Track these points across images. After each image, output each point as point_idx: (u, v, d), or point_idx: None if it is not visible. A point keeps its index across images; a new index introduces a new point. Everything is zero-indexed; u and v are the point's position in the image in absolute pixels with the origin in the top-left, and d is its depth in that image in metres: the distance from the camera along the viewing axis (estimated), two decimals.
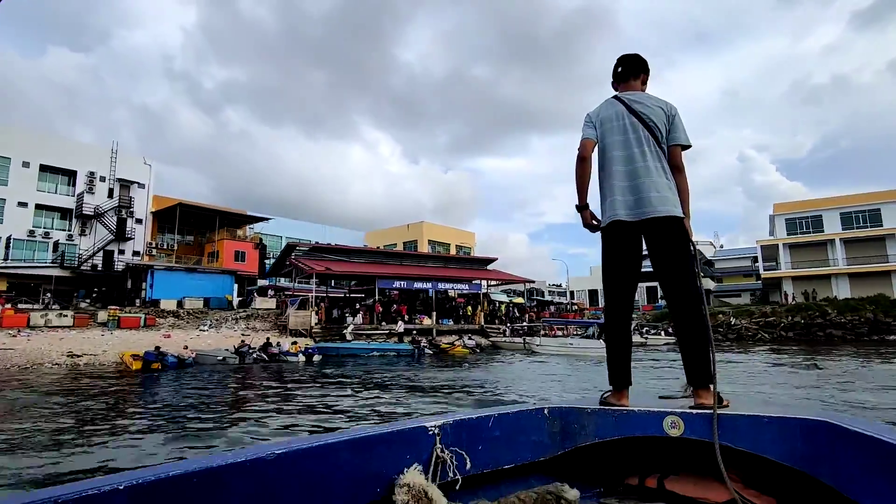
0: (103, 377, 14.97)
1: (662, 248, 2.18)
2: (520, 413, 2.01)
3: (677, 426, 1.84)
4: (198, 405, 10.20)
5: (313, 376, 15.57)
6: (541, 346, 25.67)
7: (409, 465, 1.57)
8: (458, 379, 14.59)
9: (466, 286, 34.02)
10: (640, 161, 2.23)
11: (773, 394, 11.27)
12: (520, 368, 18.34)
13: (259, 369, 17.53)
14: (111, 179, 38.59)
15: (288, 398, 11.18)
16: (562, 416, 2.07)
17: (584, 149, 2.35)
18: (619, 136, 2.28)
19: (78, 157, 37.30)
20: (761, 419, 1.71)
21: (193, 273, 32.37)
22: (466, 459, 1.74)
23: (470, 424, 1.83)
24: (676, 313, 2.14)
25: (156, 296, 29.77)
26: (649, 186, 2.18)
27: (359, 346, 23.25)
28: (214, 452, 5.43)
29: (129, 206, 39.07)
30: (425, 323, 31.36)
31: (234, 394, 12.34)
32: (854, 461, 1.48)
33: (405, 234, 53.49)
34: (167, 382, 14.04)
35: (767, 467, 1.71)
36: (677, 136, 2.29)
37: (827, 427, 1.59)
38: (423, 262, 37.06)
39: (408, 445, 1.64)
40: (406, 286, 31.47)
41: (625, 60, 2.46)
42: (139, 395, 12.30)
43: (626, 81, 2.45)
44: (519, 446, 1.97)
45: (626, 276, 2.26)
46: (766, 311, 39.13)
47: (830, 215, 44.49)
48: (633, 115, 2.28)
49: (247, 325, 29.00)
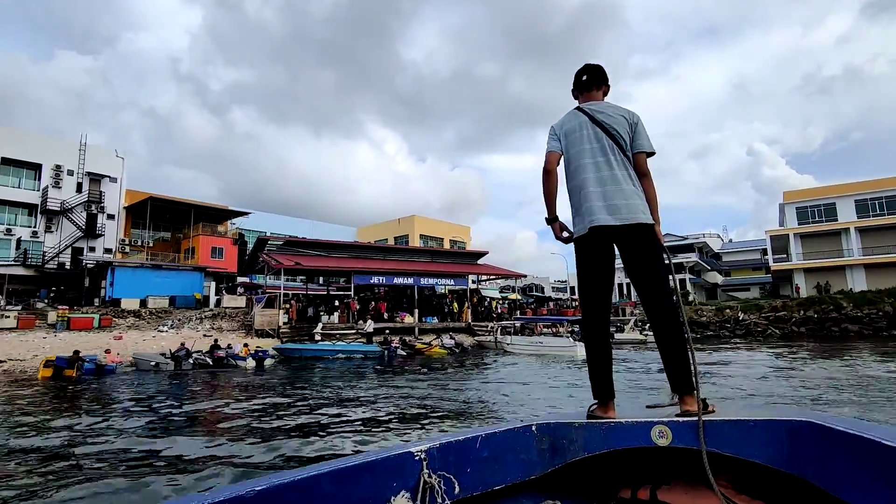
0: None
1: (634, 256, 2.17)
2: (507, 432, 1.97)
3: (665, 435, 1.83)
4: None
5: (247, 387, 13.42)
6: (512, 346, 24.08)
7: (396, 494, 1.55)
8: (410, 394, 12.37)
9: (452, 281, 31.75)
10: (606, 170, 2.23)
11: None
12: (488, 374, 16.09)
13: (195, 376, 15.44)
14: (80, 173, 36.66)
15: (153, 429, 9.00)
16: (550, 432, 2.05)
17: (549, 162, 2.35)
18: (585, 146, 2.29)
19: (43, 150, 35.38)
20: (747, 423, 1.72)
21: (159, 270, 30.34)
22: (455, 483, 1.71)
23: (457, 447, 1.79)
24: (653, 321, 2.13)
25: (116, 295, 27.79)
26: (617, 194, 2.19)
27: (323, 348, 21.12)
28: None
29: (100, 200, 37.14)
30: (406, 321, 29.19)
31: (72, 418, 9.03)
32: (840, 460, 1.48)
33: (396, 228, 51.30)
34: (49, 400, 11.95)
35: (757, 471, 1.73)
36: (641, 143, 2.31)
37: (812, 427, 1.60)
38: (408, 256, 34.86)
39: (393, 473, 1.58)
40: (385, 281, 29.29)
41: (590, 70, 2.46)
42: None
43: (589, 91, 2.46)
44: (508, 466, 1.93)
45: (603, 285, 2.25)
46: (777, 305, 36.70)
47: (845, 203, 41.73)
48: (596, 125, 2.30)
49: (212, 326, 26.95)
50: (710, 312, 40.03)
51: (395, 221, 52.18)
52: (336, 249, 31.64)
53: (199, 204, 38.85)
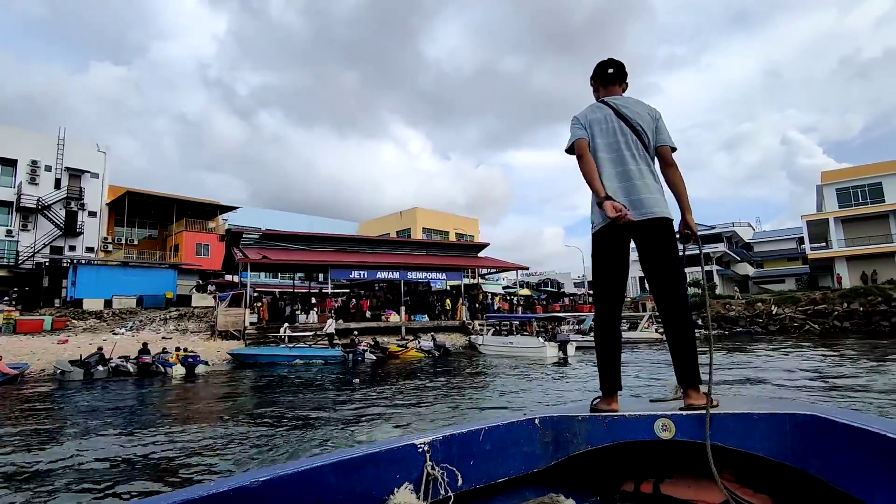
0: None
1: (654, 250, 2.16)
2: (510, 425, 1.96)
3: (668, 429, 1.82)
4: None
5: (140, 410, 10.80)
6: (485, 346, 21.94)
7: (400, 485, 1.54)
8: (344, 416, 9.55)
9: (443, 275, 28.77)
10: (631, 164, 2.21)
11: None
12: (456, 388, 13.14)
13: (102, 387, 12.94)
14: (58, 168, 34.98)
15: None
16: (553, 425, 2.04)
17: (581, 147, 2.29)
18: (610, 139, 2.26)
19: (19, 145, 33.77)
20: (751, 417, 1.70)
21: (127, 269, 28.21)
22: (458, 475, 1.70)
23: (460, 439, 1.78)
24: (665, 315, 2.14)
25: (79, 294, 25.76)
26: (642, 188, 2.17)
27: (279, 353, 18.50)
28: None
29: (80, 197, 35.42)
30: (392, 320, 26.39)
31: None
32: (843, 453, 1.47)
33: (398, 222, 48.54)
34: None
35: (761, 465, 1.72)
36: (664, 138, 2.30)
37: (815, 421, 1.58)
38: (400, 249, 32.01)
39: (397, 465, 1.58)
40: (367, 276, 26.55)
41: (615, 64, 2.43)
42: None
43: (613, 85, 2.43)
44: (511, 459, 1.92)
45: (618, 280, 2.24)
46: (816, 297, 32.64)
47: (893, 182, 37.12)
48: (621, 119, 2.28)
49: (176, 327, 24.68)
50: (740, 306, 36.14)
51: (398, 214, 49.43)
52: (318, 242, 29.02)
53: (182, 199, 36.79)
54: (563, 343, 19.39)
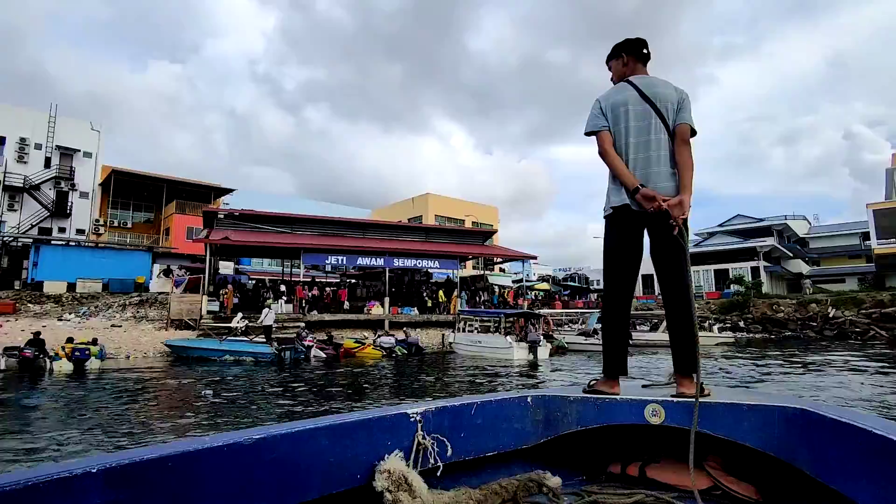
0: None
1: (665, 239, 2.10)
2: (503, 401, 1.98)
3: (658, 414, 1.84)
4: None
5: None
6: (457, 345, 19.64)
7: (390, 452, 1.54)
8: None
9: (435, 263, 25.43)
10: (652, 149, 2.15)
11: None
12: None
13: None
14: (48, 147, 33.61)
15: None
16: (545, 404, 2.05)
17: (604, 141, 2.22)
18: (631, 123, 2.18)
19: (7, 122, 32.53)
20: (741, 407, 1.72)
21: (96, 250, 26.23)
22: (448, 446, 1.71)
23: (452, 411, 1.79)
24: (668, 303, 2.12)
25: (41, 277, 23.90)
26: (658, 177, 2.12)
27: (208, 347, 15.72)
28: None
29: (70, 177, 33.97)
30: (374, 312, 23.33)
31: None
32: (831, 448, 1.48)
33: (410, 209, 45.39)
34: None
35: (747, 455, 1.73)
36: (685, 116, 2.17)
37: (805, 415, 1.60)
38: (397, 234, 28.83)
39: (388, 432, 1.60)
40: (345, 262, 23.57)
41: (647, 44, 2.34)
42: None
43: (642, 63, 2.32)
44: (501, 434, 1.93)
45: (628, 264, 2.20)
46: (883, 298, 27.54)
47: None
48: (646, 101, 2.18)
49: (135, 314, 22.40)
50: (790, 307, 31.28)
51: (409, 201, 46.30)
52: (300, 224, 26.19)
53: (173, 179, 34.87)
54: (532, 344, 15.97)
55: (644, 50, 2.29)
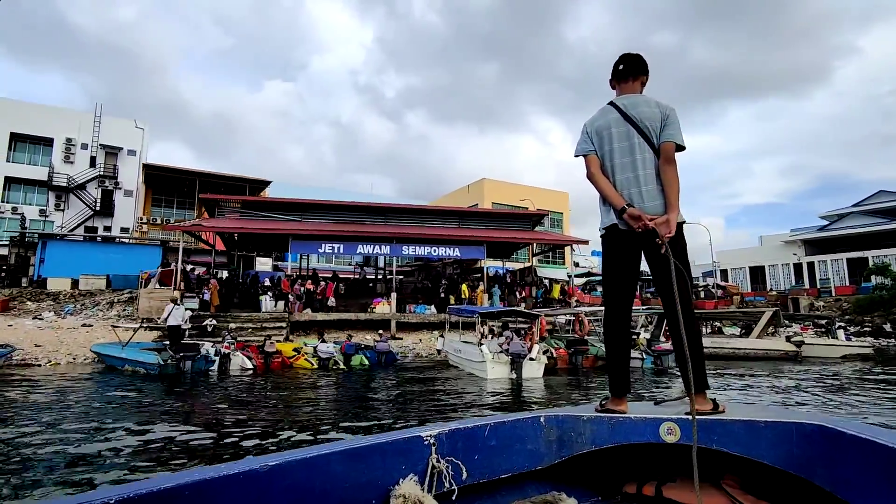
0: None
1: (657, 257, 2.11)
2: (516, 422, 1.93)
3: (673, 432, 1.80)
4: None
5: None
6: (445, 353, 16.78)
7: (405, 476, 1.53)
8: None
9: (455, 251, 20.82)
10: (639, 169, 2.16)
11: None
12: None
13: None
14: (94, 146, 33.75)
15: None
16: (558, 424, 2.00)
17: (591, 164, 2.27)
18: (614, 145, 2.21)
19: (55, 124, 33.06)
20: (757, 424, 1.67)
21: (102, 245, 24.94)
22: (462, 469, 1.67)
23: (466, 434, 1.76)
24: (668, 320, 2.10)
25: (46, 273, 22.90)
26: (645, 196, 2.13)
27: (113, 355, 12.58)
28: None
29: (114, 175, 33.86)
30: (378, 310, 19.35)
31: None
32: (851, 465, 1.44)
33: (466, 197, 41.00)
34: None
35: (765, 472, 1.69)
36: (672, 133, 2.17)
37: (823, 431, 1.55)
38: (428, 218, 24.51)
39: (403, 455, 1.58)
40: (343, 250, 19.79)
41: (626, 59, 2.32)
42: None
43: (626, 81, 2.32)
44: (515, 455, 1.88)
45: (624, 282, 2.21)
46: None
47: None
48: (628, 121, 2.21)
49: (120, 312, 20.36)
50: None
51: (465, 188, 41.95)
52: (312, 210, 22.92)
53: (204, 173, 33.57)
54: (515, 357, 11.01)
55: (619, 67, 2.30)
